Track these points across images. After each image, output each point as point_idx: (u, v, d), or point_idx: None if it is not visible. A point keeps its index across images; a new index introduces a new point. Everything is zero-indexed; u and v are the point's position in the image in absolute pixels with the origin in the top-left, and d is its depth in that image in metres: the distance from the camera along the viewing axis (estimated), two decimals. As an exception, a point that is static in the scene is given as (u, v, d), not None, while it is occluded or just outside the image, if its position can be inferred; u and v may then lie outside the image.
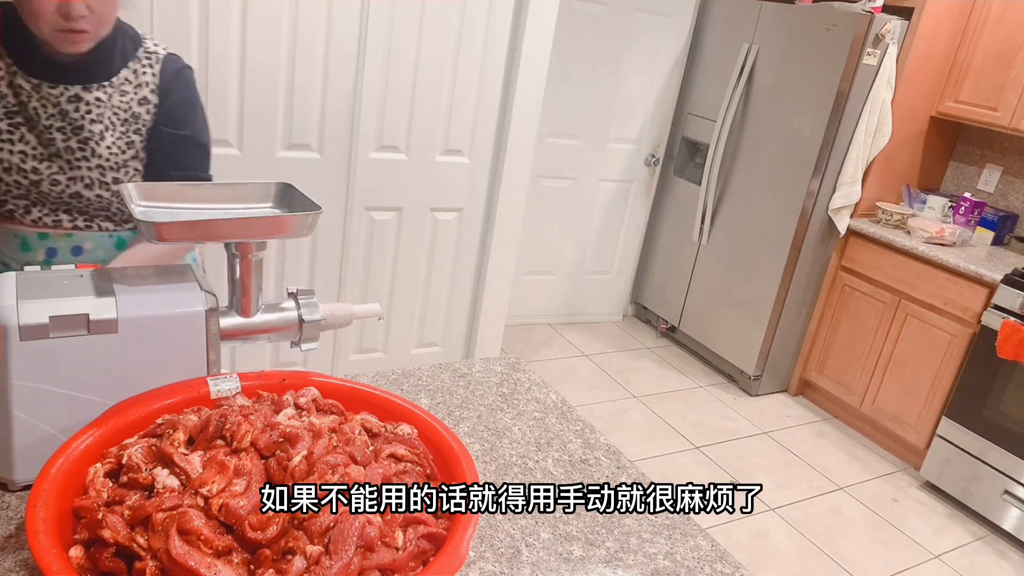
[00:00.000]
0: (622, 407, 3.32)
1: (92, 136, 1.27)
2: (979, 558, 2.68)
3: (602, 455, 1.16)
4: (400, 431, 0.92)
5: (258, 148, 2.40)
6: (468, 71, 2.64)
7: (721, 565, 0.95)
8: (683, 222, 3.93)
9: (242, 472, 0.75)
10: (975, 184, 3.55)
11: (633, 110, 3.81)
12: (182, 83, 1.36)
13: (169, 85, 1.34)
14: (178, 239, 0.94)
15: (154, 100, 1.33)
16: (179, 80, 1.35)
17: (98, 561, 0.69)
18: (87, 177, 1.29)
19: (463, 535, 0.75)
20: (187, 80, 1.37)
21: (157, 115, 1.33)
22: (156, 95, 1.33)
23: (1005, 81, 3.04)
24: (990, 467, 2.81)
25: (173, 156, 1.36)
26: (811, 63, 3.20)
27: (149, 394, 0.89)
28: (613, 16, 3.54)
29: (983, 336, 2.80)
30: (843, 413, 3.51)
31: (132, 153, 1.32)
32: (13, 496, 0.87)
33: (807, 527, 2.69)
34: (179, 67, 1.36)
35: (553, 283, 4.03)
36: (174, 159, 1.36)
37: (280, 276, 2.60)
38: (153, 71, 1.32)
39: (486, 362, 1.41)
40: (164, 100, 1.33)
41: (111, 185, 1.31)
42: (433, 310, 2.97)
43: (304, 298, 1.06)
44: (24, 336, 0.82)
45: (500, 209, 2.88)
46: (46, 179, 1.26)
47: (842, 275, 3.40)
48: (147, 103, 1.32)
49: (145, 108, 1.32)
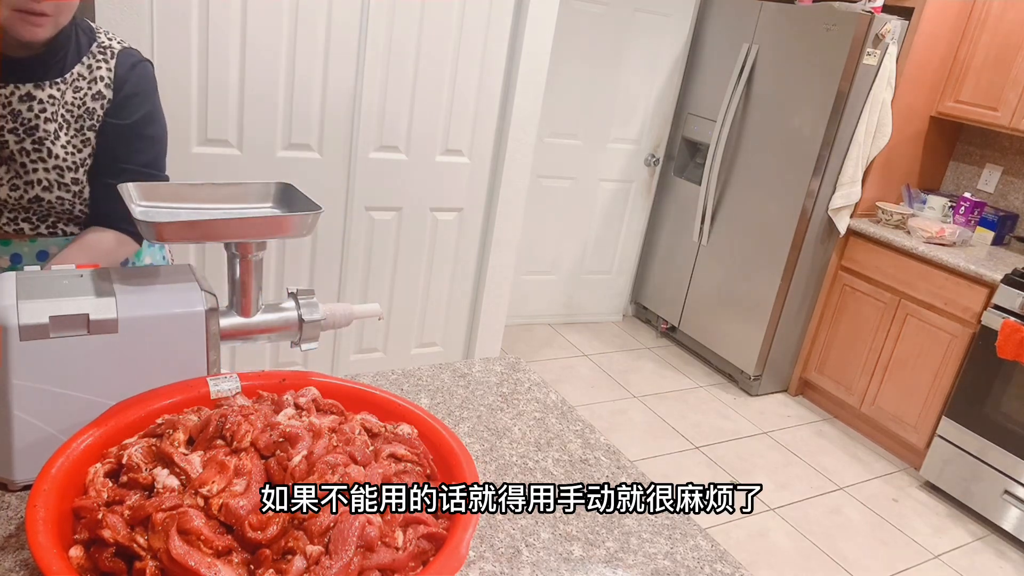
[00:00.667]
0: (622, 407, 3.32)
1: (47, 136, 1.22)
2: (979, 558, 2.68)
3: (602, 455, 1.16)
4: (400, 431, 0.92)
5: (258, 148, 2.40)
6: (468, 71, 2.64)
7: (721, 565, 0.95)
8: (683, 222, 3.93)
9: (242, 472, 0.75)
10: (975, 184, 3.55)
11: (633, 110, 3.81)
12: (137, 77, 1.30)
13: (124, 78, 1.28)
14: (178, 239, 0.94)
15: (108, 95, 1.27)
16: (134, 73, 1.30)
17: (98, 561, 0.69)
18: (44, 180, 1.24)
19: (463, 535, 0.75)
20: (143, 74, 1.32)
21: (108, 109, 1.28)
22: (110, 90, 1.27)
23: (1005, 81, 3.04)
24: (990, 467, 2.81)
25: (119, 148, 1.30)
26: (811, 63, 3.20)
27: (149, 394, 0.89)
28: (613, 16, 3.54)
29: (983, 336, 2.80)
30: (843, 413, 3.51)
31: (88, 151, 1.28)
32: (13, 496, 0.87)
33: (807, 527, 2.69)
34: (135, 61, 1.31)
35: (553, 283, 4.03)
36: (120, 152, 1.30)
37: (280, 276, 2.60)
38: (108, 65, 1.27)
39: (486, 362, 1.41)
40: (117, 94, 1.28)
41: (71, 186, 1.27)
42: (433, 310, 2.97)
43: (304, 298, 1.06)
44: (24, 336, 0.82)
45: (500, 209, 2.88)
46: (5, 184, 1.22)
47: (842, 275, 3.40)
48: (101, 98, 1.27)
49: (99, 103, 1.27)
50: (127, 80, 1.29)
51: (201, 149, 2.32)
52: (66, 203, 1.28)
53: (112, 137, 1.29)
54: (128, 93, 1.29)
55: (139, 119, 1.31)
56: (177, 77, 2.19)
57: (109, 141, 1.29)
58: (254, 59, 2.30)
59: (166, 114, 1.39)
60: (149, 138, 1.34)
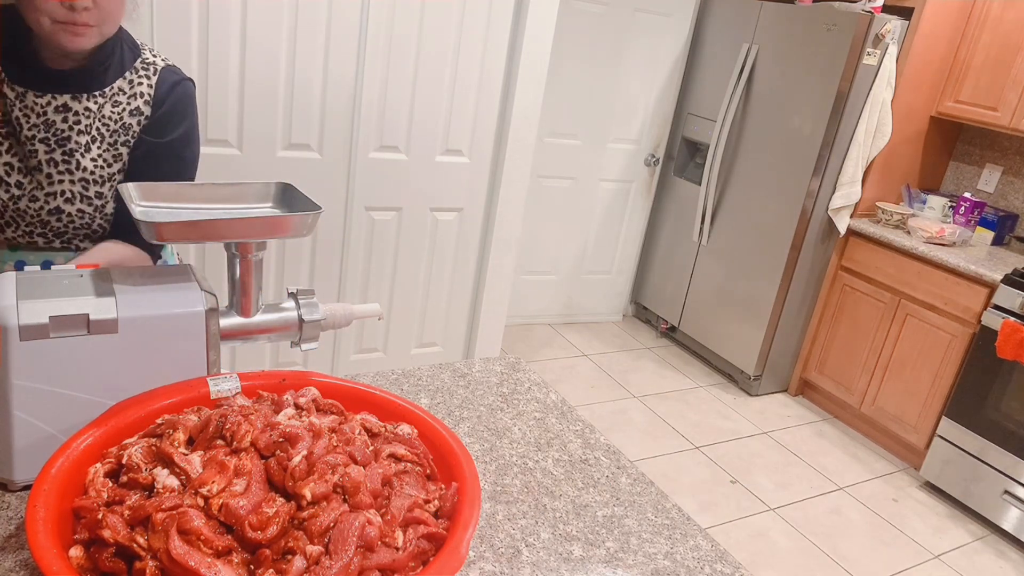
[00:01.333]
0: (622, 407, 3.32)
1: (78, 148, 1.21)
2: (979, 558, 2.68)
3: (602, 455, 1.16)
4: (400, 431, 0.92)
5: (258, 148, 2.40)
6: (468, 71, 2.64)
7: (721, 565, 0.95)
8: (683, 222, 3.93)
9: (242, 472, 0.75)
10: (975, 184, 3.55)
11: (633, 110, 3.81)
12: (177, 95, 1.30)
13: (164, 96, 1.28)
14: (178, 239, 0.94)
15: (146, 112, 1.27)
16: (175, 92, 1.29)
17: (98, 561, 0.69)
18: (68, 191, 1.22)
19: (463, 535, 0.75)
20: (183, 93, 1.31)
21: (146, 126, 1.27)
22: (149, 107, 1.27)
23: (1005, 81, 3.04)
24: (990, 467, 2.81)
25: (151, 167, 1.28)
26: (811, 63, 3.20)
27: (149, 394, 0.89)
28: (613, 16, 3.54)
29: (983, 336, 2.80)
30: (843, 413, 3.51)
31: (119, 167, 1.26)
32: (13, 496, 0.87)
33: (807, 527, 2.69)
34: (177, 79, 1.30)
35: (553, 283, 4.03)
36: (151, 170, 1.28)
37: (280, 276, 2.61)
38: (150, 82, 1.27)
39: (486, 362, 1.41)
40: (156, 111, 1.27)
41: (93, 200, 1.25)
42: (433, 310, 2.97)
43: (304, 298, 1.06)
44: (24, 336, 0.82)
45: (500, 209, 2.88)
46: (26, 194, 1.21)
47: (842, 275, 3.40)
48: (139, 114, 1.26)
49: (136, 119, 1.26)
50: (167, 98, 1.28)
51: (201, 149, 2.31)
52: (86, 216, 1.26)
53: (146, 155, 1.28)
54: (167, 111, 1.28)
55: (175, 139, 1.30)
56: (177, 77, 2.19)
57: (142, 158, 1.28)
58: (254, 59, 2.30)
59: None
60: (182, 159, 1.33)
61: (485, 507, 0.98)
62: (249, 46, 2.28)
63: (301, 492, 0.73)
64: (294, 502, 0.74)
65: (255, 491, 0.73)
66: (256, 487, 0.74)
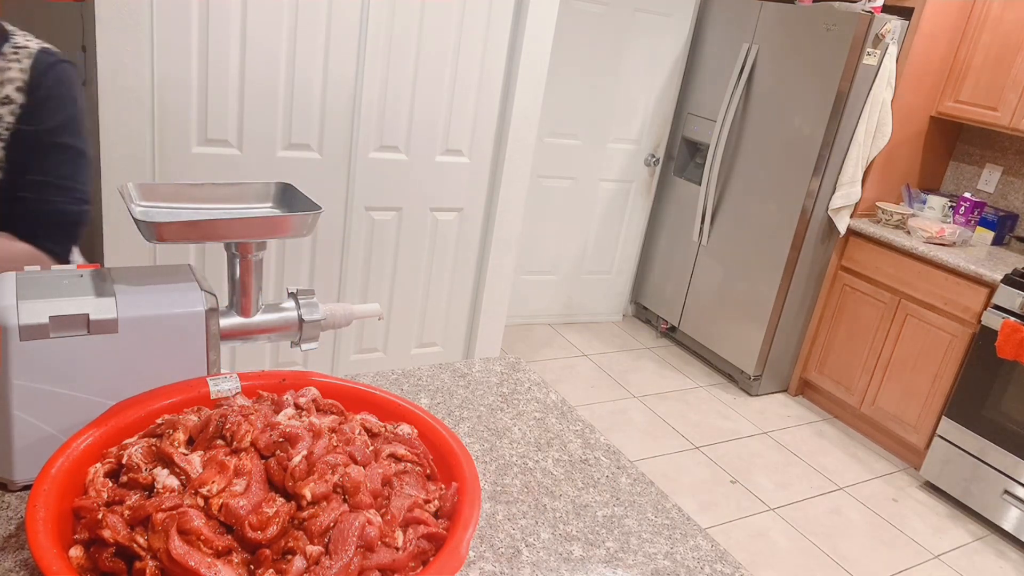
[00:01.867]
0: (622, 407, 3.32)
1: None
2: (979, 558, 2.68)
3: (602, 455, 1.16)
4: (400, 431, 0.92)
5: (258, 148, 2.40)
6: (468, 71, 2.64)
7: (721, 565, 0.95)
8: (683, 222, 3.93)
9: (242, 472, 0.75)
10: (975, 184, 3.55)
11: (633, 110, 3.81)
12: (55, 78, 1.17)
13: (39, 81, 1.15)
14: (178, 239, 0.94)
15: (19, 99, 1.14)
16: (51, 75, 1.16)
17: (98, 561, 0.69)
18: None
19: (463, 535, 0.75)
20: (62, 75, 1.18)
21: (21, 115, 1.15)
22: (22, 93, 1.14)
23: (1005, 81, 3.04)
24: (990, 467, 2.81)
25: (33, 158, 1.16)
26: (811, 63, 3.20)
27: (149, 394, 0.89)
28: (613, 16, 3.54)
29: (983, 336, 2.80)
30: (843, 413, 3.51)
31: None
32: (13, 496, 0.87)
33: (807, 527, 2.69)
34: (53, 61, 1.17)
35: (553, 283, 4.03)
36: (35, 162, 1.16)
37: (280, 276, 2.61)
38: (21, 66, 1.14)
39: (486, 362, 1.41)
40: (30, 97, 1.15)
41: None
42: (433, 310, 2.97)
43: (304, 298, 1.06)
44: (24, 336, 0.82)
45: (500, 209, 2.88)
46: None
47: (842, 275, 3.40)
48: (10, 103, 1.14)
49: (8, 109, 1.14)
50: (42, 82, 1.16)
51: (201, 149, 2.32)
52: None
53: (26, 146, 1.16)
54: (44, 96, 1.16)
55: (56, 126, 1.18)
56: (177, 77, 2.19)
57: (22, 151, 1.15)
58: (254, 59, 2.30)
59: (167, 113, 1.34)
60: (69, 147, 1.20)
61: (485, 507, 0.98)
62: (249, 46, 2.28)
63: (301, 492, 0.73)
64: (294, 502, 0.74)
65: (255, 491, 0.73)
66: (256, 487, 0.74)
